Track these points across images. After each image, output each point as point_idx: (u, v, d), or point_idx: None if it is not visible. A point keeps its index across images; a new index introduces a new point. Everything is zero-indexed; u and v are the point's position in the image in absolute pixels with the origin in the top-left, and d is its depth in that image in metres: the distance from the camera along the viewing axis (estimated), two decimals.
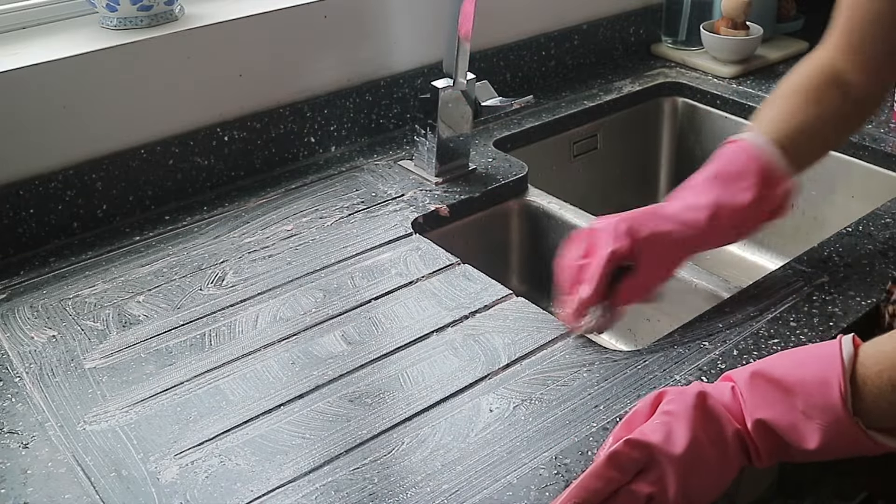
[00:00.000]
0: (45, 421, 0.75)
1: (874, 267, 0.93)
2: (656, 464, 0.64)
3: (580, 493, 0.62)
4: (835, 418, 0.65)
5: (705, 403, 0.67)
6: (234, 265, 0.96)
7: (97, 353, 0.83)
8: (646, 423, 0.66)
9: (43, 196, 0.99)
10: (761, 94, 1.34)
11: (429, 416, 0.75)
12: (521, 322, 0.86)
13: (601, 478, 0.63)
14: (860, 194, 1.22)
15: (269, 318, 0.87)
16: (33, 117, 0.97)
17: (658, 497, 0.63)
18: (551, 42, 1.40)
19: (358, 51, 1.19)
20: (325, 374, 0.80)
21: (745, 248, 1.37)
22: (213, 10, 1.10)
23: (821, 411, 0.65)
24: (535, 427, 0.73)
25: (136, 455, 0.72)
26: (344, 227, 1.02)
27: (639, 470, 0.64)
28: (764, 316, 0.86)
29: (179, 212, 1.06)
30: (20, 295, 0.92)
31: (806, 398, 0.65)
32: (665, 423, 0.65)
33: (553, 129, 1.30)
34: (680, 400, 0.66)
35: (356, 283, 0.92)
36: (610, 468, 0.63)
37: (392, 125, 1.25)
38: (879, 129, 1.23)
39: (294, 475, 0.69)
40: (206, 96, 1.08)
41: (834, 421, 0.65)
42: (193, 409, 0.76)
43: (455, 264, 0.96)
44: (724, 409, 0.67)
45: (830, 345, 0.67)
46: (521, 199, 1.15)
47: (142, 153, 1.04)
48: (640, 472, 0.64)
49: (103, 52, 0.99)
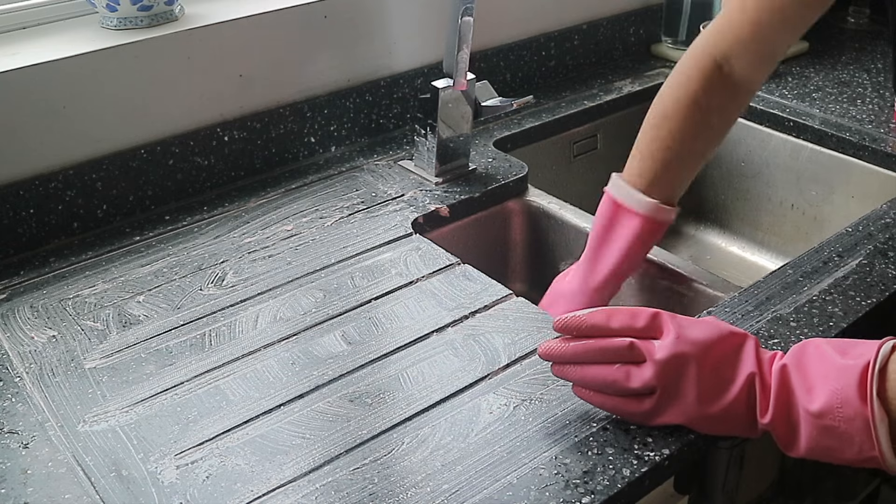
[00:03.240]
0: (45, 421, 0.75)
1: (874, 267, 0.93)
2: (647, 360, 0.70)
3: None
4: (846, 383, 0.65)
5: (727, 339, 0.70)
6: (235, 265, 0.96)
7: (97, 353, 0.83)
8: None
9: (43, 196, 0.99)
10: (761, 94, 1.34)
11: (429, 416, 0.75)
12: (521, 322, 0.86)
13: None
14: (860, 194, 1.22)
15: (270, 318, 0.87)
16: (33, 117, 0.97)
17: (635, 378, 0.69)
18: (551, 42, 1.40)
19: (358, 51, 1.19)
20: (325, 374, 0.80)
21: (745, 248, 1.37)
22: (213, 10, 1.09)
23: (839, 372, 0.66)
24: (535, 427, 0.73)
25: (137, 455, 0.72)
26: (344, 227, 1.02)
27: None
28: (764, 316, 0.86)
29: (179, 212, 1.06)
30: (20, 295, 0.92)
31: (852, 357, 0.66)
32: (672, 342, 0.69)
33: (553, 129, 1.30)
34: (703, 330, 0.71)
35: (356, 283, 0.92)
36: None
37: (392, 125, 1.25)
38: (879, 130, 1.23)
39: (294, 475, 0.69)
40: (206, 96, 1.08)
41: (844, 386, 0.65)
42: (193, 409, 0.76)
43: (455, 264, 0.96)
44: (750, 352, 0.70)
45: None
46: (521, 199, 1.15)
47: (142, 153, 1.04)
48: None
49: (103, 53, 0.99)
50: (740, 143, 1.34)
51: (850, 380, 0.65)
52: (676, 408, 0.70)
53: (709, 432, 0.71)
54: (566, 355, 0.72)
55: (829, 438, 0.66)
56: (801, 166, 1.28)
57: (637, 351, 0.69)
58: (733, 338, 0.71)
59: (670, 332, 0.69)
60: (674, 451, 0.71)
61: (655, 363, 0.69)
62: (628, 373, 0.70)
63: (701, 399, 0.69)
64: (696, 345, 0.69)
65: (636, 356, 0.70)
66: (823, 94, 1.34)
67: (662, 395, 0.69)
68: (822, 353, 0.68)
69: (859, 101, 1.31)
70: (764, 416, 0.68)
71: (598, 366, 0.71)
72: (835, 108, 1.29)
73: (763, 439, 0.73)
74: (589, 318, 0.71)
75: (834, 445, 0.66)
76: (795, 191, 1.29)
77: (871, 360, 0.65)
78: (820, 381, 0.66)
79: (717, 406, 0.69)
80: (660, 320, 0.71)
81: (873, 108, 1.29)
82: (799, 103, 1.31)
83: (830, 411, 0.65)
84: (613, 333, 0.71)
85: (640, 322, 0.70)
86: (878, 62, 1.45)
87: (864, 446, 0.65)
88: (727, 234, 1.39)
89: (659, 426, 0.72)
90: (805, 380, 0.67)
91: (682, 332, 0.69)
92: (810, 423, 0.66)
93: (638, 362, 0.70)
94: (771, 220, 1.34)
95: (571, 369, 0.72)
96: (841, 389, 0.65)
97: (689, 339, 0.69)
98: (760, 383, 0.69)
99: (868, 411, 0.64)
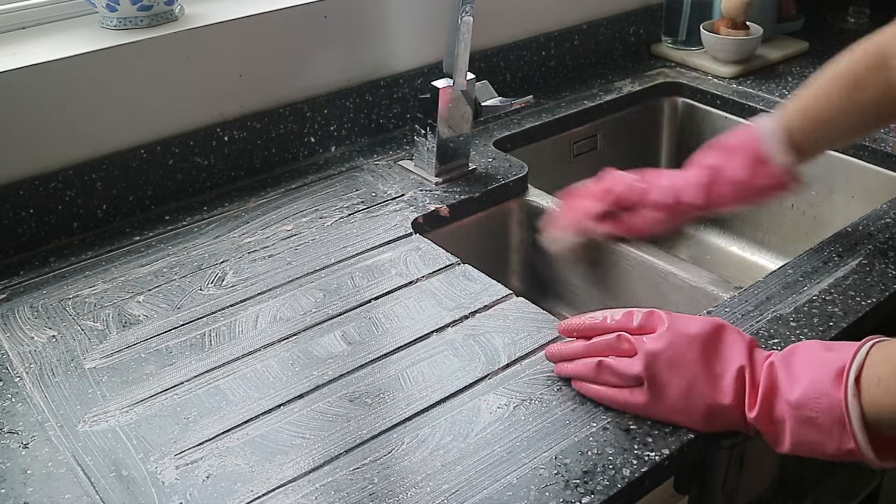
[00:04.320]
0: (45, 421, 0.75)
1: (874, 267, 0.93)
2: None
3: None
4: (825, 374, 0.66)
5: (720, 334, 0.72)
6: (234, 265, 0.96)
7: (97, 353, 0.83)
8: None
9: (43, 196, 0.99)
10: (761, 94, 1.34)
11: (429, 416, 0.75)
12: (521, 322, 0.86)
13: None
14: (860, 194, 1.22)
15: (269, 318, 0.87)
16: (33, 117, 0.97)
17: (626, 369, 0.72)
18: (551, 42, 1.39)
19: (358, 51, 1.19)
20: (325, 374, 0.80)
21: (746, 248, 1.37)
22: (213, 9, 1.09)
23: (820, 364, 0.67)
24: (535, 427, 0.73)
25: (136, 455, 0.72)
26: (344, 227, 1.02)
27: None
28: (764, 316, 0.86)
29: (179, 212, 1.06)
30: (20, 295, 0.92)
31: (837, 351, 0.68)
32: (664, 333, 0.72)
33: (553, 129, 1.30)
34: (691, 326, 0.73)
35: (356, 283, 0.92)
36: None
37: (392, 125, 1.25)
38: (880, 129, 1.23)
39: (294, 475, 0.69)
40: (206, 96, 1.08)
41: (823, 378, 0.66)
42: (193, 409, 0.76)
43: (455, 264, 0.96)
44: (742, 348, 0.71)
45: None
46: (521, 199, 1.15)
47: (142, 153, 1.04)
48: None
49: (103, 52, 0.99)
50: None
51: (829, 371, 0.66)
52: (667, 399, 0.71)
53: (704, 428, 0.72)
54: (566, 354, 0.77)
55: (809, 431, 0.67)
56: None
57: (626, 343, 0.73)
58: (726, 333, 0.72)
59: (663, 326, 0.72)
60: (674, 451, 0.71)
61: (644, 354, 0.71)
62: (619, 364, 0.73)
63: (690, 390, 0.70)
64: (685, 337, 0.71)
65: (626, 349, 0.73)
66: None
67: (651, 385, 0.71)
68: (811, 349, 0.70)
69: None
70: (752, 411, 0.69)
71: (591, 358, 0.75)
72: None
73: (763, 439, 0.73)
74: (588, 319, 0.77)
75: (815, 439, 0.67)
76: None
77: (853, 353, 0.66)
78: (802, 374, 0.68)
79: (708, 398, 0.70)
80: (654, 318, 0.74)
81: None
82: None
83: (808, 402, 0.66)
84: (609, 331, 0.75)
85: (636, 320, 0.74)
86: None
87: (843, 438, 0.65)
88: (727, 234, 1.39)
89: (658, 423, 0.72)
90: (790, 374, 0.68)
91: (674, 325, 0.72)
92: (791, 416, 0.67)
93: (630, 355, 0.73)
94: (771, 220, 1.34)
95: (570, 365, 0.76)
96: (819, 381, 0.66)
97: (679, 333, 0.71)
98: (750, 378, 0.70)
99: (843, 401, 0.65)
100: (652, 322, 0.73)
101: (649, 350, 0.71)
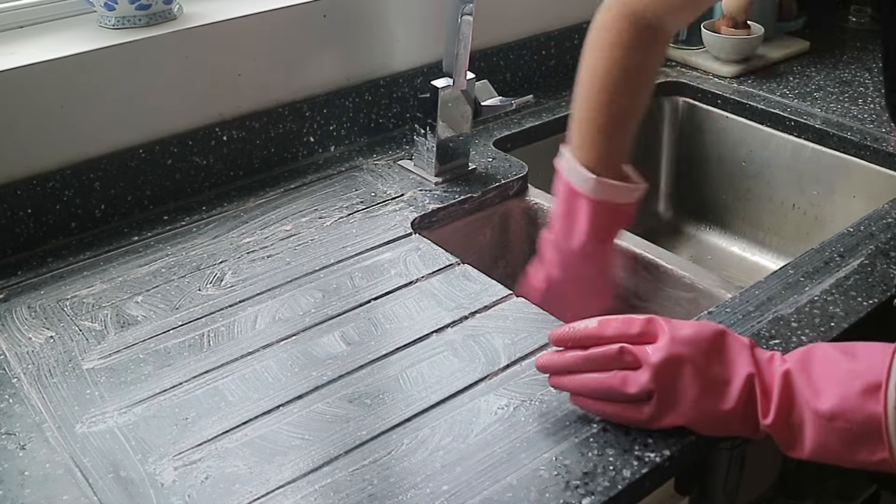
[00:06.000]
0: (42, 422, 0.75)
1: (875, 267, 0.93)
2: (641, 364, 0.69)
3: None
4: (860, 386, 0.65)
5: (722, 341, 0.70)
6: (233, 265, 0.95)
7: (95, 354, 0.83)
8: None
9: (41, 196, 0.98)
10: (762, 94, 1.34)
11: (428, 416, 0.75)
12: (521, 322, 0.86)
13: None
14: (861, 194, 1.21)
15: (268, 319, 0.87)
16: (31, 117, 0.97)
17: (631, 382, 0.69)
18: (551, 42, 1.39)
19: (357, 50, 1.19)
20: (325, 374, 0.80)
21: (746, 248, 1.37)
22: (211, 9, 1.09)
23: (849, 375, 0.65)
24: (535, 428, 0.73)
25: (135, 456, 0.71)
26: (343, 227, 1.02)
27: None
28: (765, 316, 0.85)
29: (178, 212, 1.06)
30: (18, 295, 0.91)
31: (863, 360, 0.66)
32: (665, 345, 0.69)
33: (553, 129, 1.29)
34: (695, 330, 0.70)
35: (355, 283, 0.92)
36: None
37: (392, 125, 1.25)
38: (881, 129, 1.22)
39: (293, 476, 0.69)
40: (204, 96, 1.08)
41: (858, 390, 0.64)
42: (192, 409, 0.76)
43: (455, 264, 0.95)
44: (746, 354, 0.70)
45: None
46: (521, 199, 1.15)
47: (140, 153, 1.04)
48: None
49: (101, 52, 0.99)
50: (741, 143, 1.34)
51: (861, 383, 0.65)
52: (676, 410, 0.69)
53: (710, 433, 0.71)
54: (561, 366, 0.72)
55: (838, 441, 0.66)
56: (802, 166, 1.27)
57: (629, 355, 0.69)
58: (727, 338, 0.71)
59: (665, 335, 0.69)
60: (674, 452, 0.71)
61: (651, 366, 0.68)
62: (625, 378, 0.69)
63: (699, 400, 0.69)
64: (690, 345, 0.69)
65: (629, 361, 0.69)
66: (825, 94, 1.34)
67: (660, 398, 0.69)
68: (828, 356, 0.68)
69: (861, 101, 1.31)
70: (766, 418, 0.68)
71: (593, 374, 0.71)
72: (836, 108, 1.29)
73: (764, 440, 0.72)
74: (583, 327, 0.72)
75: (844, 448, 0.66)
76: (797, 191, 1.29)
77: (888, 367, 0.65)
78: (829, 383, 0.66)
79: (716, 406, 0.69)
80: (654, 325, 0.70)
81: (875, 108, 1.29)
82: (800, 103, 1.31)
83: (843, 413, 0.65)
84: (608, 341, 0.70)
85: (635, 328, 0.70)
86: (880, 62, 1.45)
87: (876, 449, 0.65)
88: (728, 235, 1.39)
89: (660, 428, 0.72)
90: (811, 382, 0.67)
91: (676, 334, 0.69)
92: (819, 425, 0.66)
93: (634, 368, 0.69)
94: (772, 221, 1.33)
95: (568, 379, 0.72)
96: (852, 394, 0.65)
97: (684, 341, 0.69)
98: (761, 385, 0.68)
99: (882, 414, 0.64)
100: (652, 330, 0.70)
101: (656, 362, 0.68)
